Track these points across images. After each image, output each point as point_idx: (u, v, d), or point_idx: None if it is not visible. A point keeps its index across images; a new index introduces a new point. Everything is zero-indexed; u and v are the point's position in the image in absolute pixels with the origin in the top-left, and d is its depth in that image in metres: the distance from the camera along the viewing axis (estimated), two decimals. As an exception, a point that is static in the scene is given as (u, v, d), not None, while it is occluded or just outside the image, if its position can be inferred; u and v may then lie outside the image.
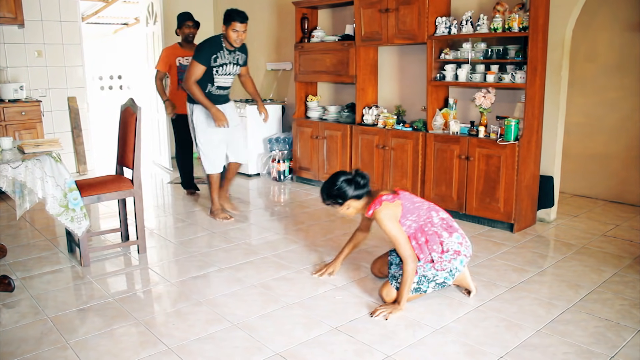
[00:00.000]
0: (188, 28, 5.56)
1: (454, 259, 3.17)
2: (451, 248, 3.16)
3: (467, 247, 3.24)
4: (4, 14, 5.96)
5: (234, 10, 4.58)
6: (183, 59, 5.53)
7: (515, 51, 4.48)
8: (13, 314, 3.14)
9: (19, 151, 3.60)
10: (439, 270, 3.16)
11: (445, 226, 3.23)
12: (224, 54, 4.69)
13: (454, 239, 3.19)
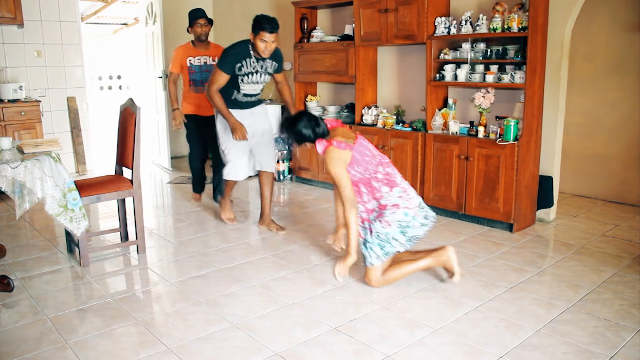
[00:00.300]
0: (200, 27, 5.10)
1: (394, 213, 3.32)
2: (389, 203, 3.33)
3: (409, 199, 3.36)
4: (3, 14, 5.96)
5: (263, 17, 4.13)
6: (194, 58, 5.17)
7: (514, 51, 4.49)
8: (12, 314, 3.14)
9: (19, 151, 3.60)
10: (388, 226, 3.32)
11: (387, 181, 3.37)
12: (250, 62, 4.28)
13: (393, 193, 3.34)
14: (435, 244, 4.25)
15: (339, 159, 3.29)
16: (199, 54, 5.18)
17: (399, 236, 3.35)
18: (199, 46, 5.21)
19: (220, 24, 8.25)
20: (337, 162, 3.29)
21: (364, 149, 3.40)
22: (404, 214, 3.34)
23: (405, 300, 3.27)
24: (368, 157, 3.39)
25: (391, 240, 3.35)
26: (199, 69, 5.15)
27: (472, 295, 3.34)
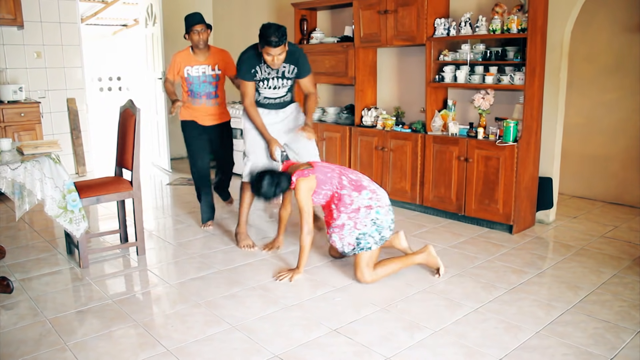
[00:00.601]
0: (197, 34, 4.54)
1: (369, 213, 3.55)
2: (361, 205, 3.55)
3: (379, 199, 3.60)
4: (3, 15, 5.96)
5: (267, 29, 3.81)
6: (192, 68, 4.63)
7: (514, 52, 4.49)
8: (12, 316, 3.13)
9: (18, 152, 3.60)
10: (363, 227, 3.55)
11: (354, 187, 3.60)
12: (263, 68, 4.06)
13: (363, 196, 3.58)
14: (432, 244, 4.26)
15: (307, 189, 3.57)
16: (198, 62, 4.66)
17: (374, 234, 3.56)
18: (198, 54, 4.66)
19: (219, 27, 8.25)
20: (304, 192, 3.57)
21: (321, 167, 3.68)
22: (377, 212, 3.57)
23: (405, 302, 3.27)
24: (329, 173, 3.64)
25: (368, 238, 3.55)
26: (197, 80, 4.65)
27: (472, 296, 3.34)
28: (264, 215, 5.27)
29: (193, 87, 4.67)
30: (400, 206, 5.34)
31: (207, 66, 4.68)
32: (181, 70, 4.65)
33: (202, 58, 4.67)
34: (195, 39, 4.57)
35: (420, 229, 4.70)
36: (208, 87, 4.70)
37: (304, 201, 3.56)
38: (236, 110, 6.81)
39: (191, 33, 4.58)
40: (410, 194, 5.16)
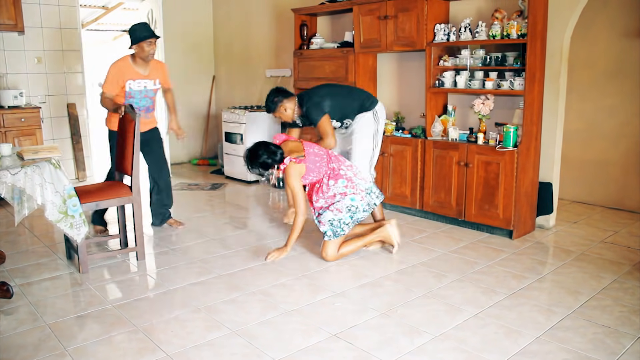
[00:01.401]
0: (149, 45, 4.40)
1: (343, 199, 3.95)
2: (337, 192, 3.96)
3: (355, 187, 3.98)
4: (4, 20, 5.98)
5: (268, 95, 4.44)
6: (134, 82, 4.47)
7: (513, 58, 4.50)
8: (11, 321, 3.13)
9: (19, 157, 3.60)
10: (338, 212, 3.94)
11: (332, 175, 3.99)
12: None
13: (339, 184, 3.97)
14: (432, 249, 4.26)
15: (296, 173, 3.92)
16: (140, 76, 4.49)
17: (347, 220, 3.97)
18: (140, 66, 4.49)
19: (219, 32, 8.28)
20: (294, 176, 3.91)
21: (313, 156, 3.99)
22: (351, 199, 3.97)
23: (405, 307, 3.27)
24: (319, 162, 4.00)
25: (342, 225, 3.96)
26: (138, 95, 4.51)
27: (472, 301, 3.34)
28: (266, 219, 5.28)
29: (133, 101, 4.50)
30: (400, 211, 5.34)
31: (150, 80, 4.56)
32: (124, 83, 4.44)
33: (144, 71, 4.51)
34: (147, 50, 4.41)
35: (420, 234, 4.69)
36: (148, 101, 4.62)
37: (294, 184, 3.92)
38: (236, 115, 6.81)
39: (143, 44, 4.38)
40: (410, 199, 5.16)
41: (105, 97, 4.42)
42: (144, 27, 4.46)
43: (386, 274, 3.80)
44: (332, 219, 3.96)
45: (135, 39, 4.37)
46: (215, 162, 8.20)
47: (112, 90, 4.43)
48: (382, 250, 4.28)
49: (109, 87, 4.42)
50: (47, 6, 6.65)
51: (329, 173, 4.00)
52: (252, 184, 6.81)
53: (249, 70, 7.79)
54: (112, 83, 4.41)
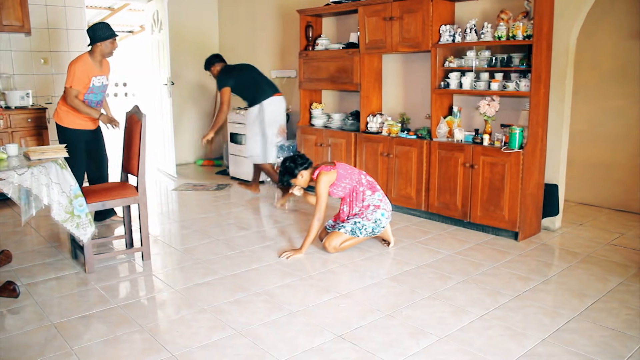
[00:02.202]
0: (112, 44, 4.72)
1: (375, 212, 4.23)
2: (372, 203, 4.24)
3: (387, 204, 4.32)
4: (10, 22, 6.01)
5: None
6: (97, 78, 4.75)
7: (519, 59, 4.49)
8: (17, 320, 3.14)
9: (25, 158, 3.61)
10: (367, 220, 4.21)
11: (370, 186, 4.30)
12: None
13: (375, 197, 4.27)
14: (437, 251, 4.25)
15: (327, 181, 4.17)
16: (99, 72, 4.77)
17: (369, 229, 4.23)
18: (96, 63, 4.75)
19: (225, 32, 8.29)
20: (324, 184, 4.16)
21: (344, 165, 4.31)
22: (382, 214, 4.25)
23: (410, 308, 3.26)
24: (349, 170, 4.28)
25: (362, 230, 4.22)
26: (97, 90, 4.79)
27: (477, 303, 3.33)
28: (271, 220, 5.28)
29: (93, 97, 4.78)
30: (406, 212, 5.34)
31: (104, 76, 4.86)
32: (89, 80, 4.68)
33: (99, 68, 4.77)
34: (110, 48, 4.73)
35: (425, 235, 4.69)
36: (102, 96, 4.91)
37: (320, 191, 4.15)
38: (242, 116, 6.82)
39: (108, 42, 4.69)
40: (415, 200, 5.16)
41: (76, 97, 4.65)
42: (107, 26, 4.72)
43: (391, 275, 3.80)
44: (358, 221, 4.23)
45: (100, 37, 4.65)
46: (220, 162, 8.21)
47: (79, 86, 4.65)
48: (388, 252, 4.28)
49: (77, 84, 4.64)
50: (53, 7, 6.68)
51: (365, 183, 4.28)
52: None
53: (255, 71, 7.79)
54: (80, 79, 4.64)
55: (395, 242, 4.46)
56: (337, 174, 4.20)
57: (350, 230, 4.23)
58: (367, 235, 4.28)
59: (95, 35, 4.66)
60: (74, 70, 4.61)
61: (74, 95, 4.63)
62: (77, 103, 4.65)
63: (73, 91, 4.62)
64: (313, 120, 6.35)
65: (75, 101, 4.64)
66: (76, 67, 4.62)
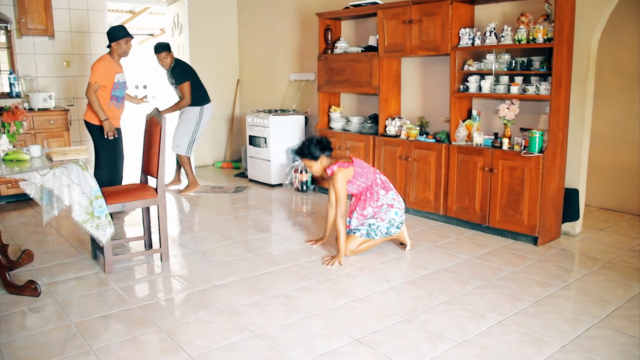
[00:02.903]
0: (127, 44, 5.18)
1: (389, 211, 4.21)
2: (385, 202, 4.21)
3: (400, 202, 4.29)
4: (35, 25, 6.14)
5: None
6: (120, 75, 5.21)
7: (539, 62, 4.45)
8: (39, 319, 3.19)
9: (47, 159, 3.67)
10: (381, 221, 4.20)
11: (383, 186, 4.26)
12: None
13: (389, 195, 4.24)
14: (455, 255, 4.23)
15: (344, 177, 4.13)
16: (121, 70, 5.23)
17: (384, 230, 4.22)
18: (117, 62, 5.20)
19: (244, 35, 8.34)
20: (342, 180, 4.12)
21: (360, 162, 4.27)
22: (395, 213, 4.23)
23: (428, 313, 3.25)
24: (366, 169, 4.26)
25: (377, 231, 4.22)
26: (122, 86, 5.24)
27: (496, 308, 3.31)
28: (289, 222, 5.29)
29: (119, 92, 5.19)
30: (424, 216, 5.31)
31: (124, 74, 5.30)
32: (114, 77, 5.11)
33: (119, 66, 5.21)
34: (125, 48, 5.16)
35: (443, 239, 4.66)
36: (124, 92, 5.31)
37: (340, 188, 4.11)
38: (260, 119, 6.84)
39: (125, 42, 5.14)
40: (433, 204, 5.13)
41: (92, 90, 4.99)
42: (122, 27, 5.19)
43: (409, 279, 3.78)
44: (372, 223, 4.21)
45: (116, 37, 5.08)
46: (239, 165, 8.25)
47: (105, 82, 5.03)
48: (405, 255, 4.27)
49: (102, 80, 5.02)
50: (76, 11, 6.77)
51: (379, 183, 4.25)
52: (276, 187, 6.84)
53: (273, 74, 7.83)
54: (105, 75, 5.03)
55: (413, 245, 4.43)
56: (354, 171, 4.17)
57: (365, 233, 4.22)
58: (383, 237, 4.26)
59: (111, 36, 5.10)
60: (100, 68, 5.01)
61: (94, 89, 4.99)
62: (94, 98, 5.00)
63: (94, 86, 4.99)
64: (332, 123, 6.36)
65: (93, 96, 4.99)
66: (101, 65, 5.03)
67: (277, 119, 6.74)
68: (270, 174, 6.78)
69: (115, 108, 5.21)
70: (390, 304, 3.38)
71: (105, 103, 5.11)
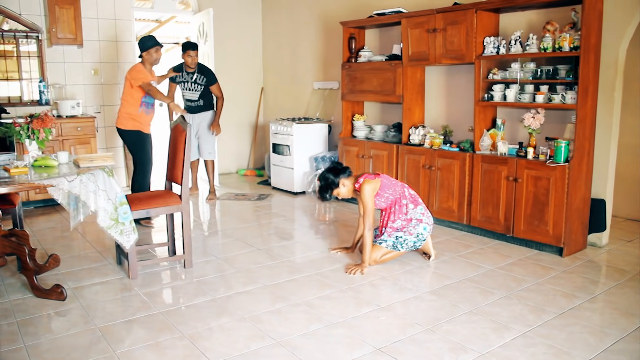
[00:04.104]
0: (157, 52, 5.35)
1: (418, 226, 4.19)
2: (414, 217, 4.19)
3: (429, 217, 4.26)
4: (65, 35, 6.29)
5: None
6: (154, 83, 5.42)
7: (565, 71, 4.40)
8: (64, 322, 3.23)
9: (75, 165, 3.73)
10: (409, 235, 4.18)
11: (412, 200, 4.25)
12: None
13: (417, 210, 4.23)
14: (479, 265, 4.18)
15: (372, 189, 4.13)
16: (153, 78, 5.39)
17: (411, 244, 4.19)
18: (149, 72, 5.36)
19: (268, 43, 8.40)
20: (369, 192, 4.11)
21: (387, 176, 4.28)
22: (424, 228, 4.20)
23: (451, 323, 3.22)
24: (393, 181, 4.26)
25: (404, 244, 4.19)
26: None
27: (520, 320, 3.26)
28: (311, 231, 5.30)
29: (149, 99, 5.34)
30: (447, 226, 5.28)
31: (156, 81, 5.47)
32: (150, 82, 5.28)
33: (151, 74, 5.37)
34: (155, 57, 5.32)
35: (467, 249, 4.62)
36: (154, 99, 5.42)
37: (367, 200, 4.10)
38: (284, 126, 6.87)
39: (155, 51, 5.30)
40: (457, 214, 5.09)
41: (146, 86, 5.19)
42: (152, 37, 5.37)
43: (432, 289, 3.76)
44: (400, 236, 4.18)
45: (146, 46, 5.27)
46: (262, 172, 8.29)
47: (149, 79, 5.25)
48: (428, 265, 4.24)
49: (148, 77, 5.23)
50: (104, 20, 6.90)
51: (408, 196, 4.23)
52: (299, 195, 6.85)
53: (297, 82, 7.87)
54: (146, 78, 5.22)
55: (436, 255, 4.40)
56: (380, 183, 4.16)
57: (392, 245, 4.19)
58: (408, 249, 4.24)
59: (142, 45, 5.30)
60: (139, 73, 5.20)
61: (148, 83, 5.21)
62: (155, 90, 5.27)
63: (145, 85, 5.19)
64: (355, 131, 6.36)
65: (153, 88, 5.26)
66: (139, 70, 5.23)
67: (301, 127, 6.77)
68: (294, 182, 6.80)
69: (144, 114, 5.35)
70: (413, 313, 3.36)
71: (136, 109, 5.26)
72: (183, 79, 6.33)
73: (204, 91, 6.36)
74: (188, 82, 6.33)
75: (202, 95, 6.37)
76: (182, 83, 6.36)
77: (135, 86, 5.20)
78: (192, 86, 6.34)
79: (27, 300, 3.55)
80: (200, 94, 6.36)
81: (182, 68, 6.29)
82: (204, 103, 6.44)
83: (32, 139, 3.75)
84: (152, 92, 5.25)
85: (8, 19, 6.23)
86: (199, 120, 6.49)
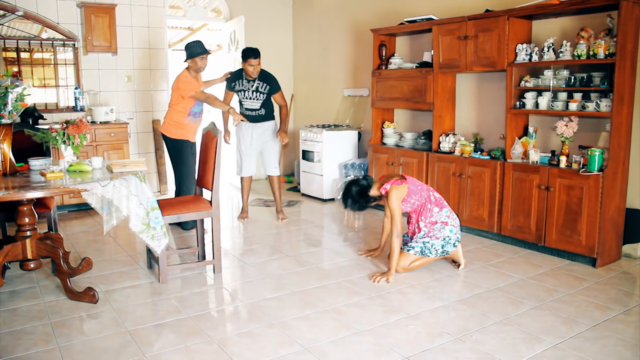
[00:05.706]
0: (203, 60, 5.21)
1: (444, 229, 4.16)
2: (439, 220, 4.17)
3: (454, 219, 4.24)
4: (100, 42, 6.44)
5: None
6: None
7: (600, 78, 4.33)
8: (96, 325, 3.29)
9: (108, 170, 3.80)
10: (435, 239, 4.14)
11: (437, 203, 4.23)
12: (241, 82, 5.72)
13: (442, 213, 4.20)
14: (509, 274, 4.12)
15: (398, 195, 4.12)
16: (202, 86, 5.35)
17: (438, 248, 4.16)
18: (195, 79, 5.23)
19: (299, 51, 8.44)
20: (396, 198, 4.11)
21: (413, 180, 4.26)
22: (450, 231, 4.17)
23: (481, 333, 3.18)
24: (419, 186, 4.24)
25: (432, 249, 4.15)
26: (200, 102, 5.27)
27: (551, 331, 3.20)
28: (340, 237, 5.30)
29: (197, 107, 5.27)
30: (477, 234, 5.22)
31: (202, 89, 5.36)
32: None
33: (197, 81, 5.25)
34: (201, 64, 5.19)
35: (497, 258, 4.56)
36: (202, 107, 5.38)
37: (394, 206, 4.09)
38: (314, 133, 6.90)
39: (200, 59, 5.16)
40: (487, 222, 5.03)
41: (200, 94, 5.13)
42: (200, 44, 5.20)
43: (461, 298, 3.72)
44: (427, 241, 4.16)
45: (193, 53, 5.14)
46: (291, 179, 8.32)
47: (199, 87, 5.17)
48: (458, 274, 4.20)
49: (197, 86, 5.13)
50: (138, 29, 7.03)
51: (433, 200, 4.21)
52: (328, 202, 6.86)
53: (327, 89, 7.89)
54: (196, 86, 5.12)
55: (466, 264, 4.35)
56: (407, 189, 4.14)
57: (420, 251, 4.16)
58: (438, 255, 4.19)
59: (189, 52, 5.16)
60: (186, 83, 5.10)
61: (201, 92, 5.16)
62: (213, 98, 5.20)
63: (200, 95, 5.15)
64: (385, 139, 6.34)
65: (210, 97, 5.18)
66: (185, 79, 5.12)
67: (331, 134, 6.78)
68: (323, 189, 6.81)
69: (191, 123, 5.28)
70: (442, 322, 3.33)
71: (183, 118, 5.20)
72: (242, 87, 5.69)
73: (266, 99, 5.75)
74: (249, 91, 5.68)
75: (264, 104, 5.75)
76: (241, 92, 5.72)
77: (186, 97, 5.11)
78: (253, 94, 5.69)
79: (61, 302, 3.62)
80: (262, 103, 5.74)
81: (240, 75, 5.69)
82: (266, 112, 5.80)
83: (67, 145, 3.83)
84: (210, 101, 5.15)
85: (47, 28, 6.40)
86: (262, 130, 5.82)
